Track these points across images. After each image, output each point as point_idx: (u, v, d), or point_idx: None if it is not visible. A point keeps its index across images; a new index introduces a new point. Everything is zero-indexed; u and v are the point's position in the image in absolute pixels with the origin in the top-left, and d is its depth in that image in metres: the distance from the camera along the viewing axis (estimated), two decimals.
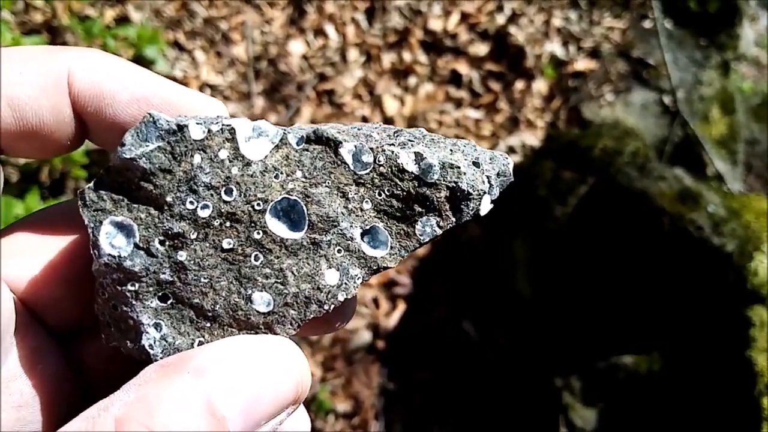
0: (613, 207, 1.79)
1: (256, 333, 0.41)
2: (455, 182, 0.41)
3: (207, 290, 0.40)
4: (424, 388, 1.97)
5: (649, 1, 2.45)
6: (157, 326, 0.39)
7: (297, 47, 2.33)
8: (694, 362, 1.65)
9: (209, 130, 0.39)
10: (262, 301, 0.40)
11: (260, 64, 2.28)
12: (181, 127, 0.38)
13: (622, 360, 1.71)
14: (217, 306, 0.40)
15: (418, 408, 1.95)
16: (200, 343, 0.40)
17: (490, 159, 0.44)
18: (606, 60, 2.44)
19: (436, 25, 2.42)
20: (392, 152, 0.41)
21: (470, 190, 0.41)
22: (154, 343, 0.39)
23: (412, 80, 2.37)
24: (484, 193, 0.42)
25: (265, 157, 0.40)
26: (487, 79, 2.41)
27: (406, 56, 2.39)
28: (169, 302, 0.40)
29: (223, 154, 0.39)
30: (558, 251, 1.88)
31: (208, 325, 0.40)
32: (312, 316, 0.41)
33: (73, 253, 0.43)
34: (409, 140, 0.43)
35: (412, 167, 0.41)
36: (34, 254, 0.42)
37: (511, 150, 2.32)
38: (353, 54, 2.36)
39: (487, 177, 0.43)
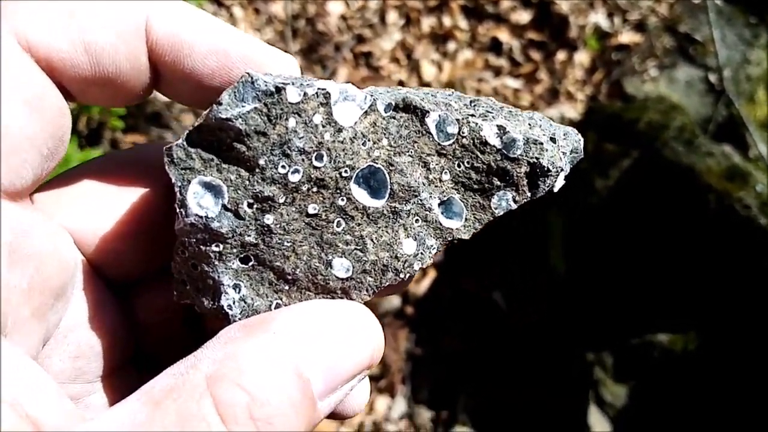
0: (658, 182, 1.74)
1: (333, 297, 0.40)
2: (537, 158, 0.41)
3: (289, 254, 0.39)
4: (452, 355, 1.96)
5: None
6: (236, 287, 0.39)
7: (336, 7, 2.28)
8: (731, 343, 1.62)
9: (305, 94, 0.38)
10: (341, 267, 0.40)
11: (298, 22, 2.24)
12: (279, 89, 0.37)
13: (657, 338, 1.69)
14: (298, 270, 0.40)
15: (445, 375, 1.94)
16: (277, 306, 0.40)
17: (564, 135, 0.44)
18: (652, 34, 2.37)
19: None
20: (476, 124, 0.41)
21: (550, 167, 0.41)
22: (233, 303, 0.39)
23: (451, 45, 2.32)
24: (561, 170, 0.42)
25: (355, 123, 0.39)
26: (528, 48, 2.35)
27: (446, 21, 2.33)
28: (250, 264, 0.39)
29: (317, 119, 0.38)
30: (596, 225, 1.85)
31: (287, 288, 0.40)
32: (387, 283, 0.41)
33: (140, 207, 0.43)
34: (488, 111, 0.42)
35: (494, 141, 0.41)
36: (99, 204, 0.42)
37: None
38: (392, 16, 2.31)
39: (563, 153, 0.42)
